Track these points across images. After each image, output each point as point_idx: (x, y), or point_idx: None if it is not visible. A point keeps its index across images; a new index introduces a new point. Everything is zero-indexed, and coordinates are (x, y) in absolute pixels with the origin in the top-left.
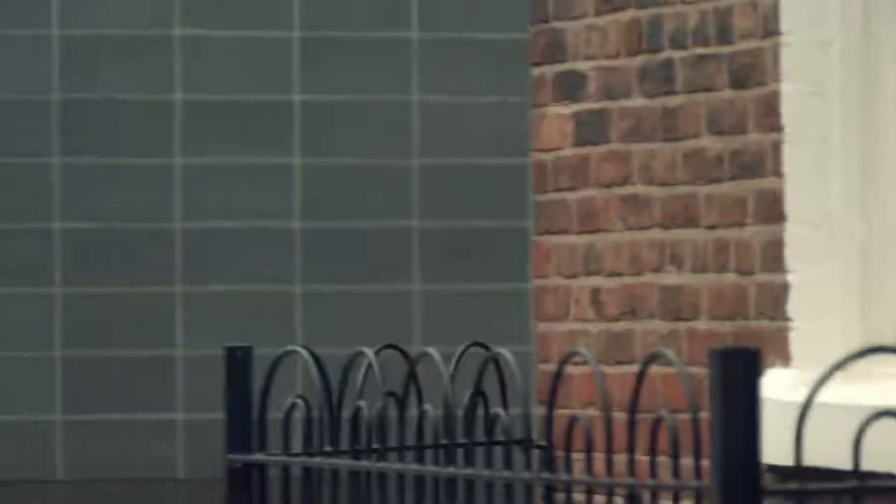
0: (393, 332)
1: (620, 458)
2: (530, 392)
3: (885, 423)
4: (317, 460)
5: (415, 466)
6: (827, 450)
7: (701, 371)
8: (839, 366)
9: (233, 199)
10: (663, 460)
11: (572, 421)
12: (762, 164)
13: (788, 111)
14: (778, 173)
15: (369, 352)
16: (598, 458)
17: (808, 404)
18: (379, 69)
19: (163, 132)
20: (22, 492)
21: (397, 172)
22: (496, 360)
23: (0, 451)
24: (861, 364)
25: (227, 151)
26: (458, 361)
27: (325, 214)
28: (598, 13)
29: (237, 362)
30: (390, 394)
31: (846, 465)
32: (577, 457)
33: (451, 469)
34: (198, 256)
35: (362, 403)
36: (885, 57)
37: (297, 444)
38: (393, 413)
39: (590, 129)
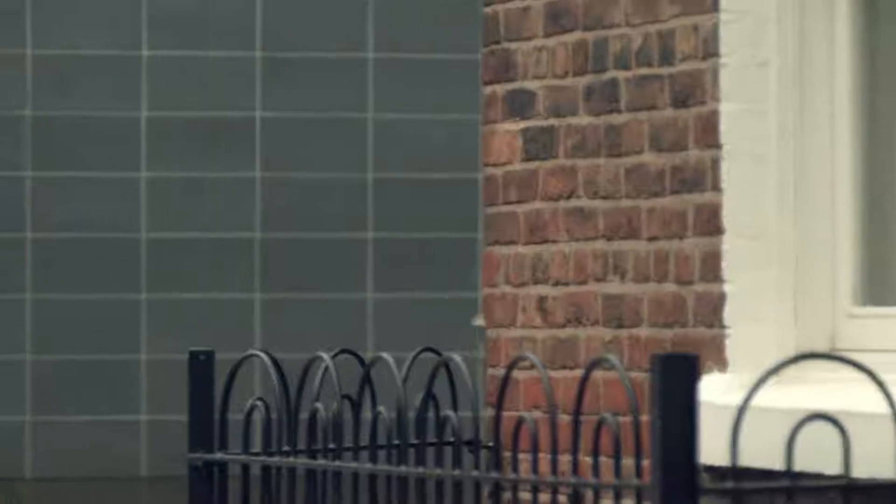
0: (348, 338)
1: (565, 459)
2: (479, 395)
3: (817, 425)
4: (275, 459)
5: (368, 466)
6: (761, 451)
7: (642, 375)
8: (773, 371)
9: (196, 210)
10: (605, 461)
11: (519, 422)
12: (702, 179)
13: (727, 129)
14: (716, 188)
15: (326, 356)
16: (544, 458)
17: (743, 407)
18: (336, 87)
19: (129, 147)
20: None
21: (353, 186)
22: (447, 365)
23: None
24: (794, 369)
25: (191, 166)
26: (410, 366)
27: (283, 226)
28: (546, 35)
29: (200, 366)
30: (346, 396)
31: (779, 465)
32: (524, 457)
33: (403, 468)
34: (162, 265)
35: (319, 405)
36: (817, 78)
37: (256, 444)
38: (348, 415)
39: (538, 144)
